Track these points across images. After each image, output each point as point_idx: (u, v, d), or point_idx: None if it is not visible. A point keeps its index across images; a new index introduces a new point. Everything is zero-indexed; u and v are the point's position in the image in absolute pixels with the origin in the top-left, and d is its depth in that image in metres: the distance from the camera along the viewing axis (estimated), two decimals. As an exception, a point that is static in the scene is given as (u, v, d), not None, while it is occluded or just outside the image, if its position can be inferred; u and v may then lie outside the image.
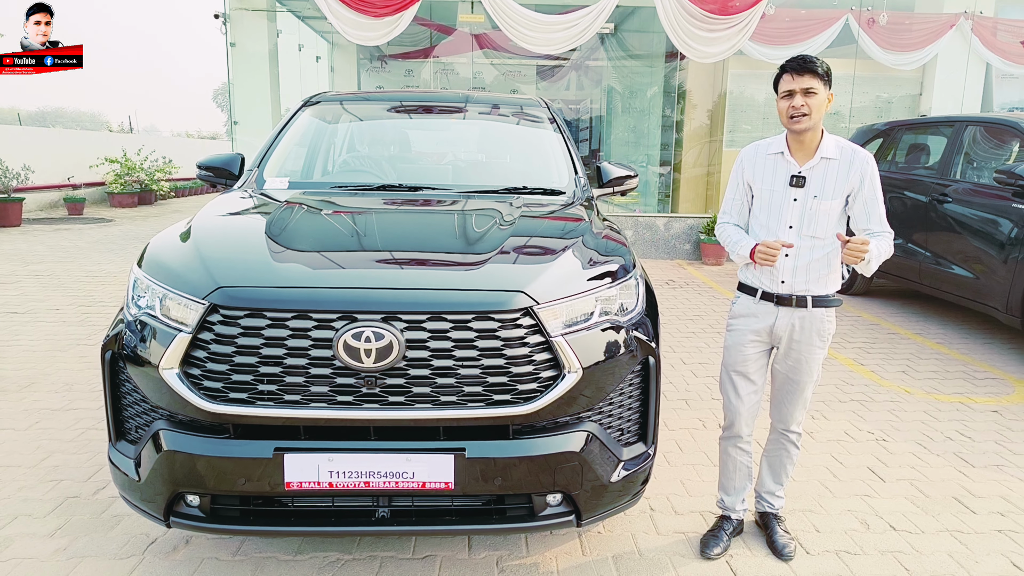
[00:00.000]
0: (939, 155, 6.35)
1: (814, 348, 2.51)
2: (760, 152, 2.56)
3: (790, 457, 2.72)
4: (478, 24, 11.07)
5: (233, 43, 10.32)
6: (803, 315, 2.48)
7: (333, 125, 4.02)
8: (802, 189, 2.43)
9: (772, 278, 2.50)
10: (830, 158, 2.43)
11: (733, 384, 2.64)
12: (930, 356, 5.30)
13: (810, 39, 9.65)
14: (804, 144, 2.44)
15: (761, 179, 2.53)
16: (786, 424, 2.67)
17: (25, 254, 9.08)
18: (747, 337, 2.57)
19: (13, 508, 2.87)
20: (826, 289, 2.49)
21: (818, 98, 2.36)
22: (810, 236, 2.44)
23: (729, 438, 2.72)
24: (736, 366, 2.62)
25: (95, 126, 51.35)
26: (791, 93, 2.38)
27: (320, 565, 2.53)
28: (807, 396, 2.61)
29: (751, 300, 2.57)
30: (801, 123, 2.37)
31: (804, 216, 2.44)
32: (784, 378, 2.61)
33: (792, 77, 2.38)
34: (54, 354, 4.90)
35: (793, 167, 2.46)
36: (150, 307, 2.21)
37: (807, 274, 2.45)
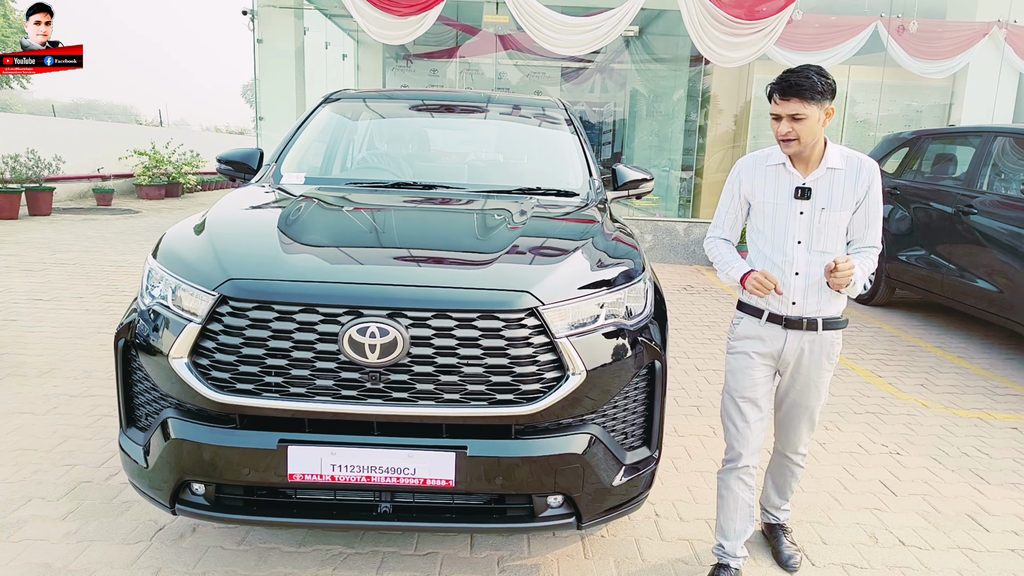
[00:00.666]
0: (966, 166, 6.24)
1: (823, 371, 2.39)
2: (759, 163, 2.40)
3: (795, 476, 2.64)
4: (503, 25, 11.09)
5: (260, 39, 10.44)
6: (812, 339, 2.34)
7: (352, 122, 4.05)
8: (808, 201, 2.29)
9: (781, 299, 2.33)
10: (836, 168, 2.29)
11: (741, 411, 2.44)
12: (950, 370, 5.20)
13: (838, 46, 9.53)
14: (803, 157, 2.31)
15: (763, 192, 2.36)
16: (793, 448, 2.56)
17: (53, 243, 9.27)
18: (755, 360, 2.40)
19: (28, 491, 2.94)
20: (837, 309, 2.36)
21: (808, 122, 2.19)
22: (820, 251, 2.30)
23: (732, 470, 2.48)
24: (744, 392, 2.42)
25: (126, 119, 52.26)
26: (778, 117, 2.23)
27: (323, 558, 2.55)
28: (815, 419, 2.50)
29: (756, 322, 2.40)
30: (790, 147, 2.25)
31: (812, 230, 2.29)
32: (792, 403, 2.48)
33: (776, 100, 2.22)
34: (75, 341, 5.00)
35: (797, 179, 2.31)
36: (163, 297, 2.25)
37: (819, 294, 2.30)
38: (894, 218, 6.86)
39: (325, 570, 2.48)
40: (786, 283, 2.30)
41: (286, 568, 2.48)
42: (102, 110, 69.44)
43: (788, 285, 2.31)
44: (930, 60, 9.75)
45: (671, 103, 12.24)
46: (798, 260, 2.29)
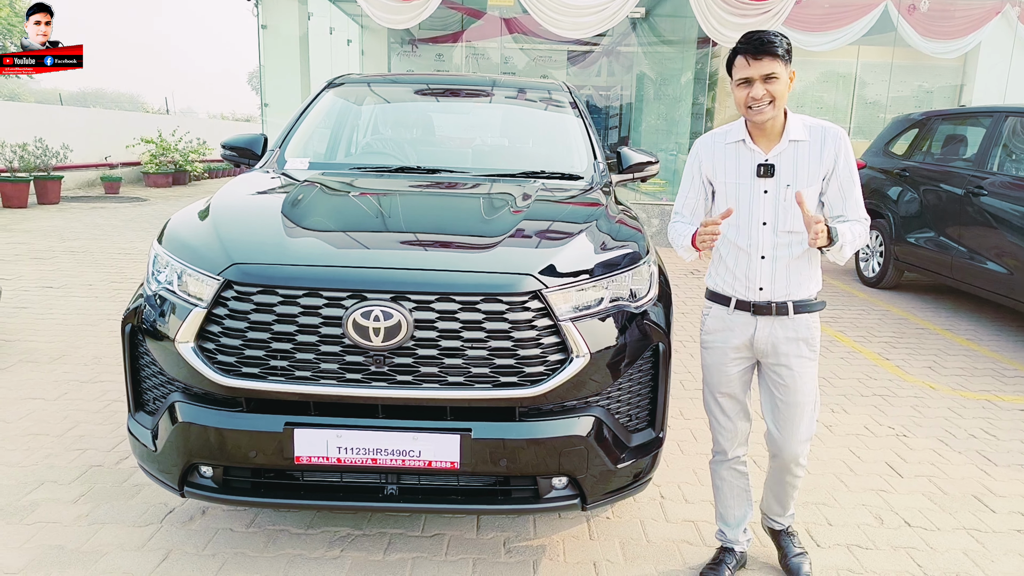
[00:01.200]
0: (976, 147, 6.17)
1: (804, 361, 2.21)
2: (718, 142, 2.24)
3: (795, 487, 2.40)
4: (508, 8, 11.02)
5: (265, 25, 10.41)
6: (785, 324, 2.18)
7: (355, 107, 4.04)
8: (772, 179, 2.13)
9: (748, 284, 2.19)
10: (799, 140, 2.13)
11: (720, 406, 2.36)
12: (958, 352, 5.18)
13: (847, 26, 9.43)
14: (767, 130, 2.14)
15: (723, 172, 2.21)
16: (791, 455, 2.29)
17: (62, 231, 9.33)
18: (727, 355, 2.27)
19: (40, 474, 2.98)
20: (808, 291, 2.19)
21: (780, 83, 2.04)
22: (787, 231, 2.13)
23: (721, 461, 2.43)
24: (720, 387, 2.32)
25: (133, 107, 52.33)
26: (748, 80, 2.06)
27: (331, 539, 2.58)
28: (807, 422, 2.26)
29: (724, 311, 2.26)
30: (764, 113, 2.06)
31: (778, 209, 2.13)
32: (776, 403, 2.27)
33: (748, 61, 2.04)
34: (85, 328, 5.04)
35: (758, 155, 2.15)
36: (168, 282, 2.26)
37: (788, 277, 2.16)
38: (903, 200, 6.80)
39: (333, 551, 2.51)
40: (752, 267, 2.17)
41: (294, 550, 2.51)
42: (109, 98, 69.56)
43: (754, 269, 2.17)
44: (941, 40, 9.62)
45: (678, 86, 12.15)
46: (764, 243, 2.15)
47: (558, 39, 10.41)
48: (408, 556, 2.50)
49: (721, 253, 2.24)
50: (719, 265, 2.27)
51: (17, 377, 4.07)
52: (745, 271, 2.18)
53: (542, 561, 2.50)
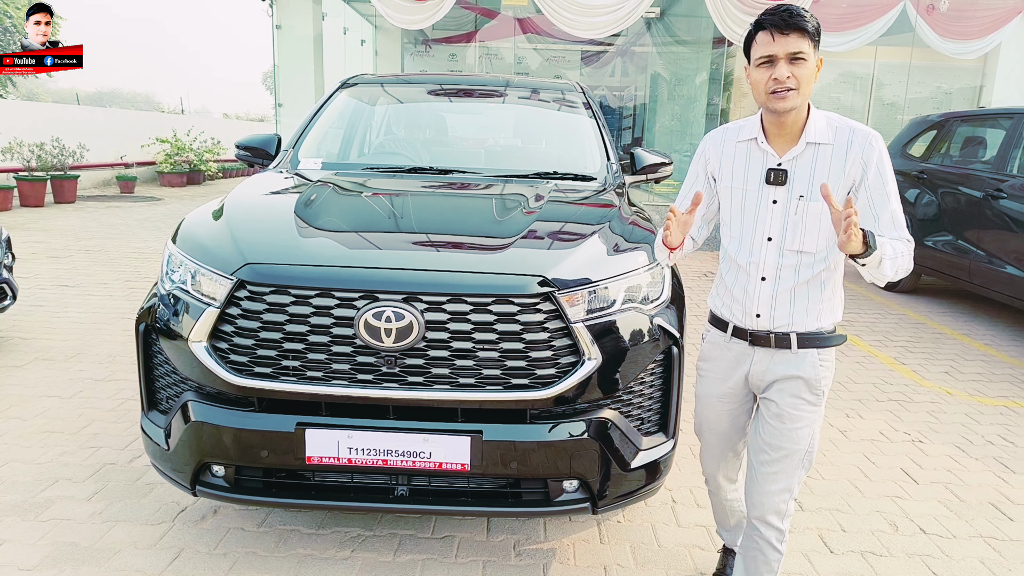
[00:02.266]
0: (996, 149, 6.09)
1: (801, 404, 1.84)
2: (728, 138, 1.94)
3: (768, 562, 1.95)
4: (521, 8, 11.02)
5: (279, 26, 10.47)
6: (786, 359, 1.84)
7: (369, 107, 4.05)
8: (783, 187, 1.80)
9: (744, 308, 1.87)
10: (820, 143, 1.78)
11: (706, 440, 2.14)
12: (976, 357, 5.11)
13: (865, 26, 9.34)
14: (786, 127, 1.80)
15: (730, 173, 1.90)
16: (763, 513, 1.91)
17: (78, 230, 9.42)
18: (718, 389, 1.99)
19: (55, 472, 3.00)
20: (819, 323, 1.83)
21: (807, 66, 1.73)
22: (795, 251, 1.81)
23: (713, 491, 2.27)
24: (710, 424, 2.08)
25: (148, 107, 52.83)
26: (771, 60, 1.73)
27: (341, 540, 2.58)
28: (792, 475, 1.88)
29: (721, 338, 1.97)
30: (787, 100, 1.72)
31: (787, 224, 1.80)
32: (762, 444, 1.90)
33: (773, 36, 1.71)
34: (100, 327, 5.09)
35: (771, 158, 1.82)
36: (182, 282, 2.27)
37: (791, 304, 1.82)
38: (921, 203, 6.73)
39: (344, 552, 2.51)
40: (750, 289, 1.86)
41: (305, 550, 2.52)
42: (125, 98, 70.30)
43: (752, 292, 1.85)
44: (960, 40, 9.51)
45: (693, 86, 12.10)
46: (766, 261, 1.83)
47: (572, 39, 10.39)
48: (418, 558, 2.49)
49: (721, 271, 1.98)
50: (719, 284, 1.99)
51: (33, 375, 4.11)
52: (743, 293, 1.88)
53: (552, 564, 2.48)
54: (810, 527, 2.77)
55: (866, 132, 1.79)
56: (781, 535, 1.93)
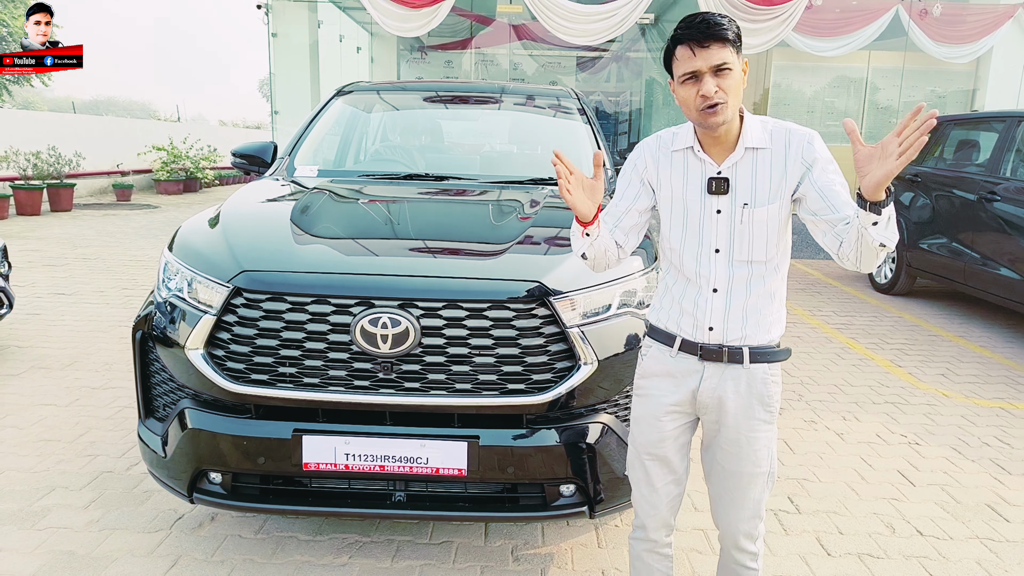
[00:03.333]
0: (989, 152, 6.13)
1: (755, 422, 1.76)
2: (664, 148, 1.82)
3: None
4: (517, 15, 11.06)
5: (275, 34, 10.49)
6: (738, 376, 1.74)
7: (364, 114, 4.06)
8: (726, 196, 1.71)
9: (696, 322, 1.75)
10: (758, 148, 1.70)
11: (646, 471, 1.88)
12: (972, 359, 5.13)
13: (858, 31, 9.40)
14: (720, 136, 1.71)
15: (669, 184, 1.79)
16: (734, 539, 1.86)
17: (74, 238, 9.41)
18: (663, 408, 1.81)
19: (52, 480, 3.00)
20: (769, 336, 1.75)
21: (733, 75, 1.62)
22: (745, 261, 1.72)
23: (641, 540, 1.96)
24: (650, 448, 1.85)
25: (145, 115, 52.85)
26: (695, 75, 1.63)
27: (339, 546, 2.58)
28: (758, 495, 1.82)
29: (666, 353, 1.81)
30: (719, 115, 1.63)
31: (733, 234, 1.71)
32: (722, 472, 1.82)
33: (693, 51, 1.62)
34: (96, 335, 5.08)
35: (710, 167, 1.73)
36: (179, 289, 2.28)
37: (744, 316, 1.72)
38: (915, 205, 6.76)
39: (341, 558, 2.51)
40: (701, 302, 1.75)
41: (303, 556, 2.51)
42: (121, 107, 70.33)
43: (704, 305, 1.74)
44: (953, 44, 9.57)
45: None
46: (717, 274, 1.73)
47: (567, 45, 10.44)
48: (416, 563, 2.49)
49: (668, 283, 1.84)
50: (664, 296, 1.85)
51: (29, 383, 4.10)
52: (693, 306, 1.76)
53: (550, 569, 2.48)
54: (807, 530, 2.78)
55: (803, 132, 1.72)
56: (755, 556, 1.89)
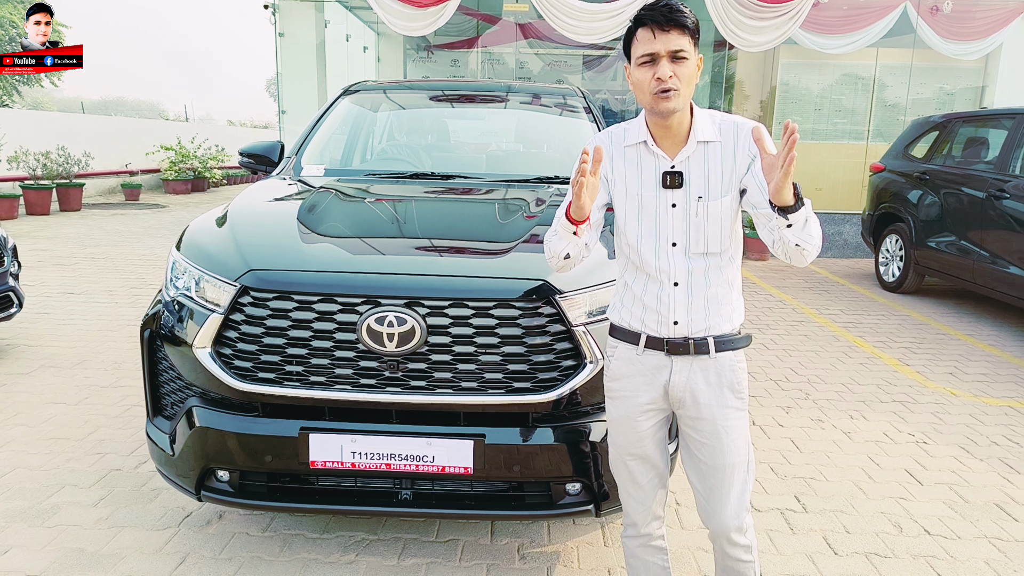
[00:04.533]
0: (998, 149, 6.09)
1: (729, 411, 1.79)
2: (616, 143, 1.82)
3: (740, 572, 1.92)
4: (523, 13, 11.05)
5: (282, 33, 10.52)
6: (706, 366, 1.77)
7: (371, 113, 4.07)
8: (680, 190, 1.73)
9: (659, 318, 1.76)
10: (709, 141, 1.74)
11: (629, 470, 1.91)
12: (980, 358, 5.10)
13: (865, 28, 9.34)
14: (672, 129, 1.73)
15: (623, 180, 1.79)
16: (724, 533, 1.86)
17: (83, 237, 9.47)
18: (637, 407, 1.83)
19: (61, 478, 3.02)
20: (732, 324, 1.79)
21: (688, 65, 1.66)
22: (702, 254, 1.74)
23: (634, 537, 2.00)
24: (630, 448, 1.87)
25: (153, 115, 53.09)
26: (653, 58, 1.66)
27: (346, 544, 2.59)
28: (741, 484, 1.83)
29: (632, 351, 1.82)
30: (671, 100, 1.65)
31: (689, 227, 1.73)
32: (706, 467, 1.83)
33: (654, 33, 1.64)
34: (105, 333, 5.11)
35: (663, 161, 1.75)
36: (186, 288, 2.29)
37: (707, 307, 1.75)
38: (923, 203, 6.72)
39: (348, 556, 2.52)
40: (664, 297, 1.76)
41: (310, 554, 2.53)
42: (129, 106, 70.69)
43: (667, 299, 1.76)
44: (961, 41, 9.50)
45: (695, 90, 12.10)
46: (676, 267, 1.75)
47: (574, 44, 10.41)
48: (422, 561, 2.50)
49: (627, 280, 1.85)
50: (625, 294, 1.85)
51: (39, 382, 4.13)
52: (656, 301, 1.77)
53: (556, 567, 2.49)
54: (814, 529, 2.77)
55: (750, 125, 1.72)
56: (748, 548, 1.89)
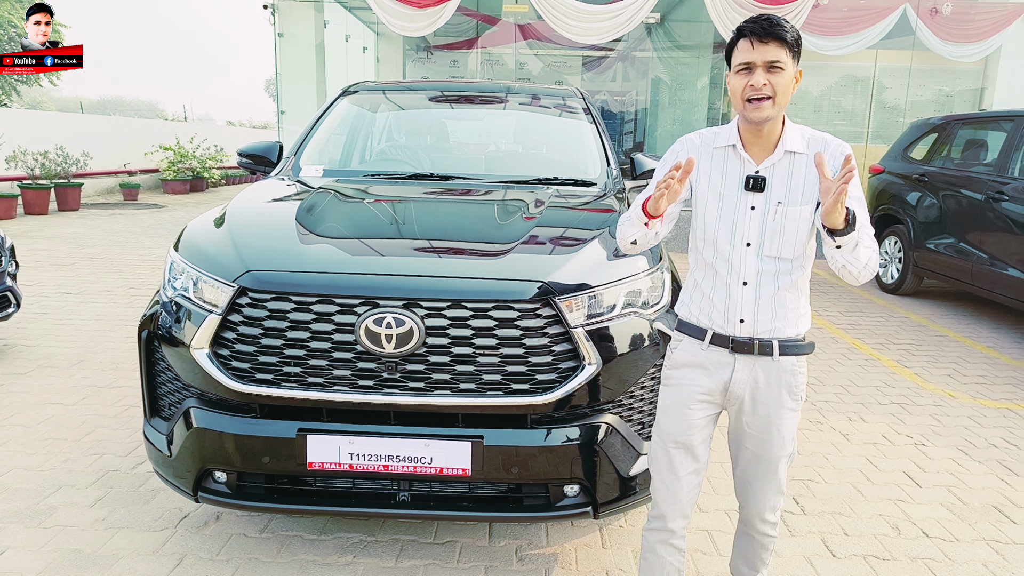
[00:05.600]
0: (997, 151, 6.09)
1: (784, 411, 1.88)
2: (706, 144, 1.93)
3: (765, 548, 2.08)
4: (522, 14, 11.06)
5: (281, 34, 10.52)
6: (768, 367, 1.85)
7: (370, 114, 4.07)
8: (761, 194, 1.82)
9: (727, 315, 1.85)
10: (796, 152, 1.82)
11: (670, 460, 1.96)
12: (979, 360, 5.10)
13: (865, 29, 9.36)
14: (762, 136, 1.82)
15: (707, 179, 1.89)
16: (759, 514, 2.01)
17: (82, 237, 9.46)
18: (693, 396, 1.91)
19: (58, 479, 3.01)
20: (797, 330, 1.87)
21: (785, 76, 1.74)
22: (774, 257, 1.81)
23: (657, 531, 2.01)
24: (677, 436, 1.94)
25: (152, 115, 53.04)
26: (749, 67, 1.75)
27: (343, 546, 2.59)
28: (782, 474, 1.97)
29: (697, 346, 1.91)
30: (762, 110, 1.74)
31: (765, 230, 1.81)
32: (751, 456, 1.96)
33: (752, 44, 1.74)
34: (103, 334, 5.11)
35: (749, 165, 1.84)
36: (184, 289, 2.28)
37: (773, 309, 1.83)
38: (922, 205, 6.73)
39: (346, 557, 2.52)
40: (732, 295, 1.85)
41: (307, 555, 2.52)
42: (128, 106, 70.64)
43: (735, 298, 1.84)
44: (961, 43, 9.52)
45: (694, 91, 12.11)
46: (747, 267, 1.83)
47: (573, 45, 10.42)
48: (420, 563, 2.50)
49: (696, 278, 1.94)
50: (694, 291, 1.94)
51: (37, 382, 4.12)
52: (724, 299, 1.86)
53: (554, 569, 2.48)
54: (812, 531, 2.77)
55: (839, 144, 1.84)
56: (775, 526, 2.05)
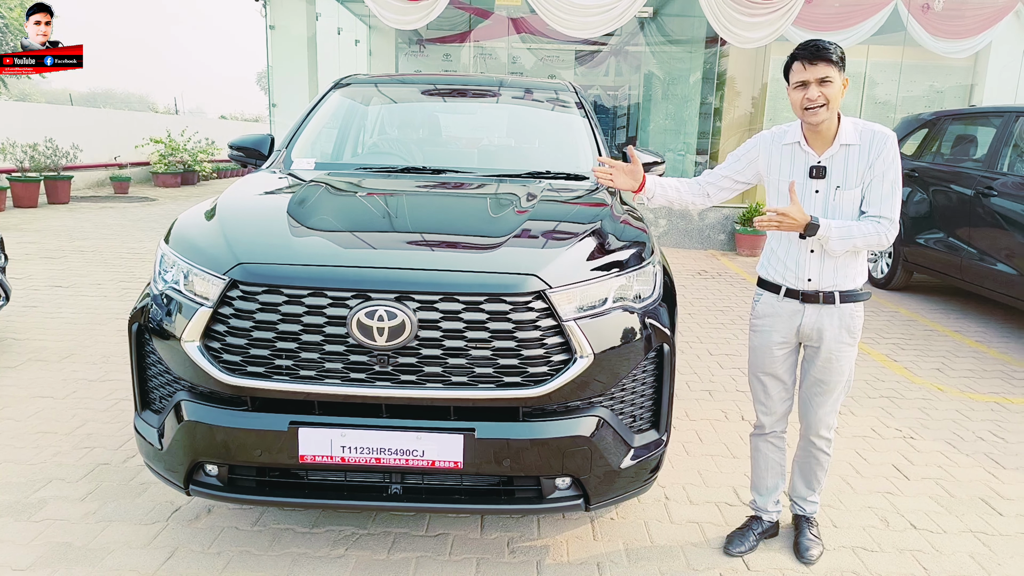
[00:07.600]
0: (986, 147, 6.13)
1: (843, 346, 2.41)
2: (777, 141, 2.46)
3: (820, 464, 2.59)
4: (515, 8, 11.01)
5: (273, 26, 10.44)
6: (831, 312, 2.39)
7: (362, 107, 4.05)
8: (823, 180, 2.35)
9: (797, 275, 2.41)
10: (850, 144, 2.32)
11: (763, 385, 2.56)
12: (967, 354, 5.14)
13: (856, 25, 9.36)
14: (821, 132, 2.33)
15: (778, 170, 2.44)
16: (816, 430, 2.54)
17: (72, 230, 9.39)
18: (774, 339, 2.48)
19: (48, 472, 3.00)
20: (854, 283, 2.40)
21: (834, 87, 2.24)
22: None
23: (760, 435, 2.64)
24: (765, 368, 2.53)
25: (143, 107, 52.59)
26: (804, 84, 2.26)
27: (335, 539, 2.59)
28: (837, 398, 2.49)
29: (775, 298, 2.47)
30: (818, 115, 2.26)
31: (827, 208, 2.34)
32: (813, 380, 2.49)
33: (804, 66, 2.26)
34: (93, 327, 5.08)
35: (812, 157, 2.36)
36: (175, 282, 2.27)
37: (835, 270, 2.36)
38: (912, 200, 6.76)
39: (338, 550, 2.52)
40: (801, 260, 2.38)
41: (299, 548, 2.52)
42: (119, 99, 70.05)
43: (804, 262, 2.38)
44: (951, 39, 9.54)
45: (687, 86, 12.10)
46: (813, 239, 2.32)
47: (566, 39, 10.38)
48: (412, 555, 2.50)
49: (773, 245, 2.48)
50: (771, 256, 2.49)
51: (26, 376, 4.10)
52: (795, 263, 2.39)
53: (546, 561, 2.50)
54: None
55: (883, 132, 2.32)
56: (830, 443, 2.57)
